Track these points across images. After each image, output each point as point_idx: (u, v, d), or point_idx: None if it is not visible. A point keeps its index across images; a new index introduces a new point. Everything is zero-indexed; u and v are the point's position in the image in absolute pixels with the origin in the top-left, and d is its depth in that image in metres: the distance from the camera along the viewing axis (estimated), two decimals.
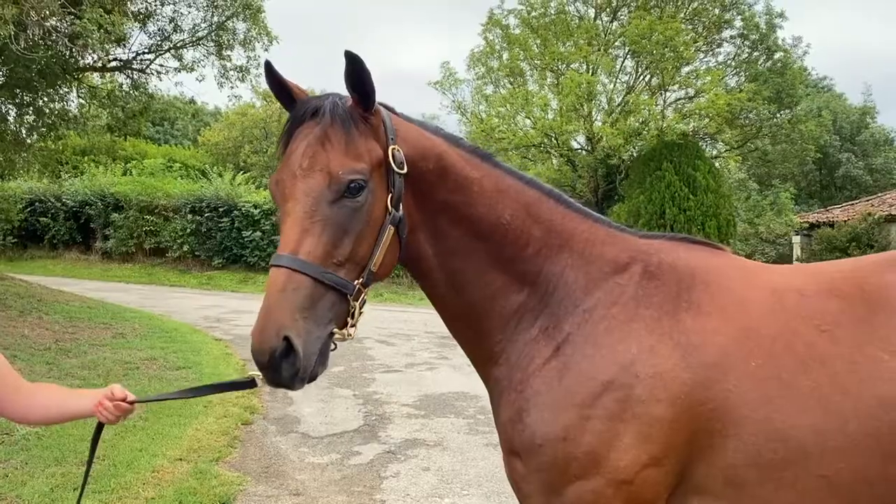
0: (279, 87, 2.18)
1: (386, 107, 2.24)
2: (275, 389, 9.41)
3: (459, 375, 10.07)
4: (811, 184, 42.18)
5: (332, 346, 2.07)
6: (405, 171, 2.11)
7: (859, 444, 1.92)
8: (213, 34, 15.99)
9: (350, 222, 2.03)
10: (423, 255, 2.26)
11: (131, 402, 2.29)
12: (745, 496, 1.99)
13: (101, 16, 10.03)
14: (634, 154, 26.99)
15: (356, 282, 2.05)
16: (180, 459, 6.35)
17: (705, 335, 2.06)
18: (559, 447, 2.03)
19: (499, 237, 2.24)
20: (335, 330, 2.04)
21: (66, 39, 10.20)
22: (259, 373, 2.03)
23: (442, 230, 2.24)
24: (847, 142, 39.78)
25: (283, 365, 1.93)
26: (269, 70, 2.16)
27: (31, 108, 15.73)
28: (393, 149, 2.10)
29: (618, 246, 2.28)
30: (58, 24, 11.36)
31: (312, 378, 2.01)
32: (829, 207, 32.50)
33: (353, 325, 2.08)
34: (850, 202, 31.49)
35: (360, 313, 2.12)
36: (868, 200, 29.81)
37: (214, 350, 11.94)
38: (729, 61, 29.12)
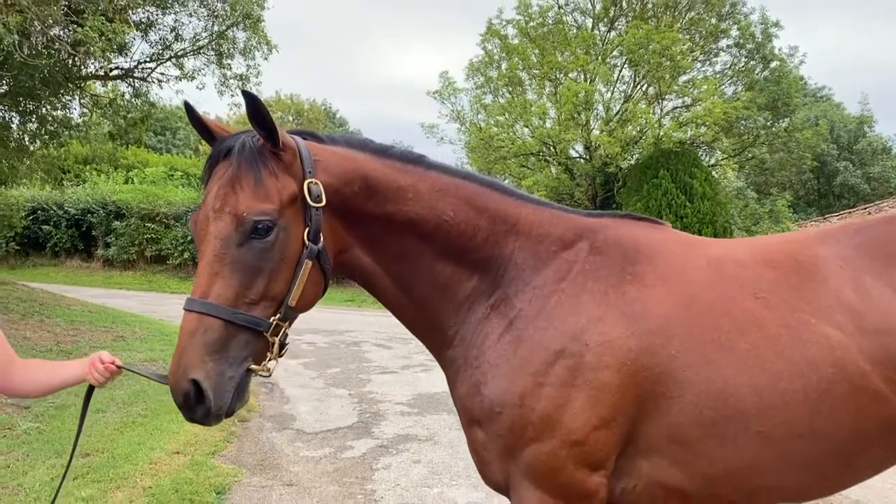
0: (200, 125, 2.27)
1: (312, 135, 2.34)
2: (272, 390, 9.61)
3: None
4: (809, 192, 42.35)
5: (263, 372, 2.17)
6: (322, 203, 2.19)
7: (791, 402, 2.09)
8: (213, 43, 16.22)
9: (261, 262, 2.10)
10: (365, 268, 2.38)
11: (118, 367, 2.46)
12: (690, 453, 2.16)
13: (102, 24, 10.25)
14: (632, 162, 27.19)
15: (272, 318, 2.13)
16: (177, 453, 6.51)
17: (649, 305, 2.23)
18: (516, 413, 2.19)
19: (443, 234, 2.36)
20: (253, 367, 2.13)
21: (68, 47, 10.39)
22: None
23: (382, 240, 2.34)
24: (845, 150, 39.99)
25: (196, 406, 2.05)
26: (189, 110, 2.24)
27: (34, 115, 15.96)
28: (309, 183, 2.17)
29: (564, 225, 2.44)
30: (61, 32, 11.60)
31: (230, 414, 2.12)
32: (826, 216, 32.69)
33: (273, 359, 2.18)
34: (847, 210, 31.69)
35: (286, 346, 2.22)
36: (865, 209, 29.98)
37: None
38: (726, 70, 29.38)
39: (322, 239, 2.19)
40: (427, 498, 5.63)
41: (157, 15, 15.86)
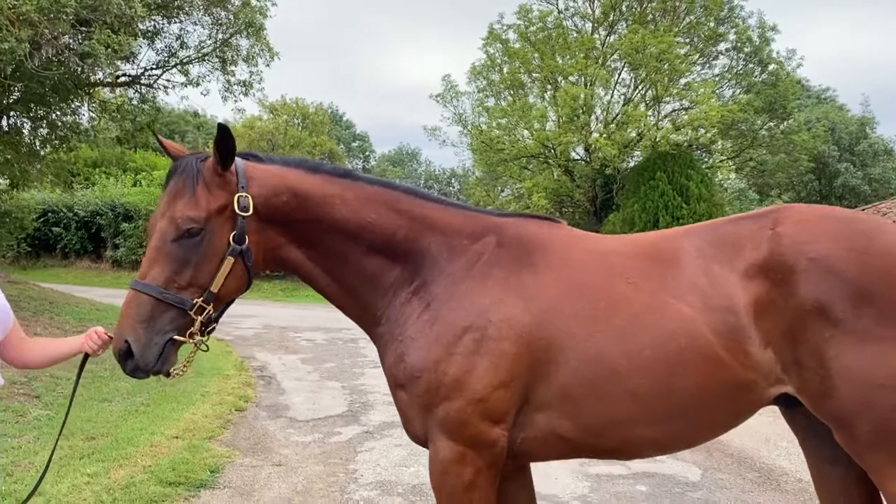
0: (164, 147, 2.83)
1: (253, 156, 2.83)
2: (269, 383, 10.10)
3: None
4: (811, 193, 42.53)
5: (194, 340, 2.65)
6: (249, 213, 2.66)
7: (653, 366, 2.56)
8: (217, 50, 16.77)
9: (189, 255, 2.60)
10: (297, 262, 2.85)
11: (110, 337, 2.94)
12: (575, 408, 2.63)
13: (108, 36, 10.79)
14: (631, 164, 27.62)
15: (196, 300, 2.61)
16: (176, 437, 7.01)
17: (541, 288, 2.70)
18: (431, 377, 2.65)
19: (368, 233, 2.82)
20: (176, 337, 2.61)
21: (76, 58, 10.93)
22: None
23: (313, 239, 2.82)
24: (846, 152, 40.18)
25: (126, 361, 2.58)
26: (156, 137, 2.78)
27: (45, 121, 16.56)
28: (239, 196, 2.65)
29: (474, 223, 2.91)
30: (70, 41, 12.16)
31: (156, 372, 2.61)
32: None
33: (198, 333, 2.65)
34: None
35: (213, 325, 2.71)
36: (864, 210, 30.30)
37: (215, 348, 12.60)
38: (725, 73, 29.76)
39: (247, 241, 2.68)
40: (403, 475, 6.12)
41: (163, 24, 16.42)
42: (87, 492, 5.38)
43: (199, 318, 2.64)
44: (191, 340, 2.66)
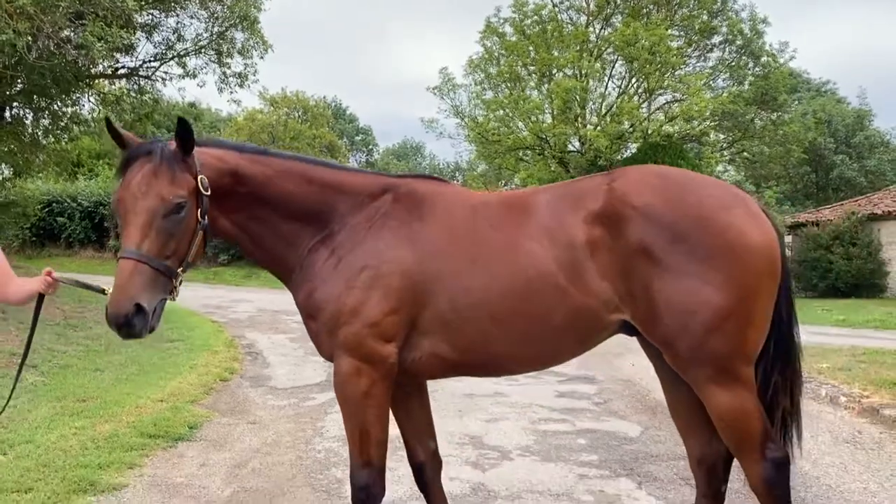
0: (116, 135, 3.14)
1: (200, 142, 3.22)
2: (256, 358, 10.60)
3: None
4: (808, 185, 42.89)
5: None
6: (209, 192, 3.09)
7: (509, 294, 3.06)
8: (213, 43, 17.27)
9: (175, 230, 2.99)
10: (228, 231, 3.31)
11: (54, 279, 3.43)
12: (450, 330, 3.14)
13: (102, 28, 11.30)
14: (625, 156, 28.04)
15: (178, 269, 3.08)
16: (161, 401, 7.53)
17: (424, 234, 3.22)
18: (334, 307, 3.16)
19: (286, 201, 3.31)
20: (166, 297, 3.05)
21: (71, 50, 11.45)
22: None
23: (241, 210, 3.26)
24: (842, 144, 40.46)
25: (135, 321, 2.90)
26: (109, 124, 3.09)
27: (47, 111, 17.12)
28: (201, 178, 3.07)
29: (375, 183, 3.42)
30: (71, 34, 12.68)
31: (152, 329, 3.00)
32: (819, 208, 33.27)
33: (175, 293, 3.09)
34: (839, 202, 32.28)
35: (180, 285, 3.13)
36: (856, 201, 30.54)
37: (208, 328, 13.19)
38: (718, 66, 30.12)
39: (207, 216, 3.14)
40: None
41: (160, 17, 16.94)
42: (73, 441, 5.92)
43: (178, 283, 3.10)
44: (174, 299, 3.13)
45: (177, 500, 4.87)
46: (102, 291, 3.26)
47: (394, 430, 3.45)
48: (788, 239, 29.87)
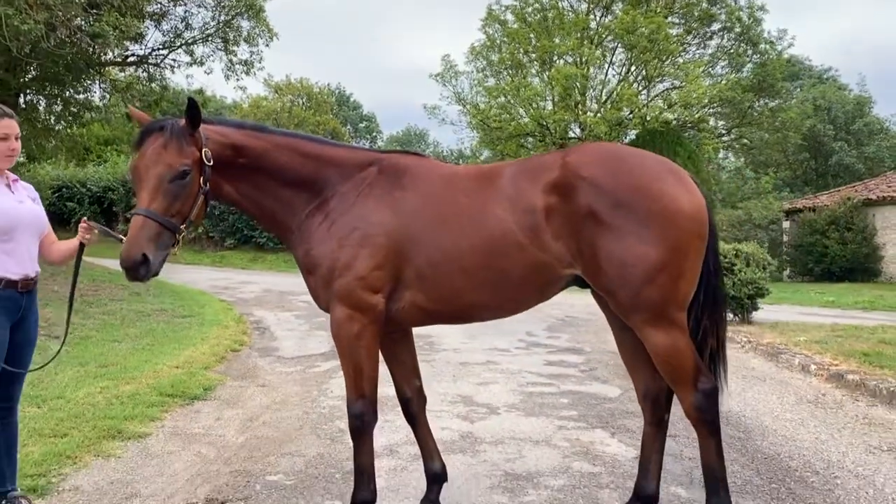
0: (134, 117, 3.76)
1: (206, 120, 3.74)
2: (264, 333, 11.15)
3: None
4: (807, 172, 43.28)
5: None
6: (212, 163, 3.60)
7: (478, 251, 3.58)
8: (220, 31, 17.79)
9: (179, 193, 3.49)
10: (231, 196, 3.85)
11: (90, 226, 4.00)
12: (426, 284, 3.66)
13: (116, 18, 11.82)
14: (625, 142, 28.50)
15: (182, 226, 3.57)
16: (177, 367, 8.10)
17: (405, 201, 3.74)
18: (329, 262, 3.70)
19: (281, 171, 3.84)
20: (170, 251, 3.58)
21: (88, 39, 11.97)
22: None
23: (243, 178, 3.80)
24: (841, 131, 40.81)
25: (141, 268, 3.44)
26: (127, 107, 3.76)
27: (59, 98, 17.67)
28: (205, 151, 3.57)
29: (362, 157, 3.95)
30: (82, 23, 13.19)
31: (155, 274, 3.53)
32: (817, 194, 33.69)
33: (177, 246, 3.61)
34: (836, 188, 32.68)
35: (182, 240, 3.66)
36: (853, 186, 30.93)
37: (217, 306, 13.76)
38: (717, 53, 30.50)
39: (209, 183, 3.67)
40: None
41: (169, 6, 17.46)
42: (99, 397, 6.50)
43: (181, 238, 3.64)
44: (175, 252, 3.68)
45: (196, 445, 5.44)
46: (121, 240, 3.82)
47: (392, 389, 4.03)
48: (786, 224, 30.34)
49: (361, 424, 3.78)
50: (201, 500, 4.31)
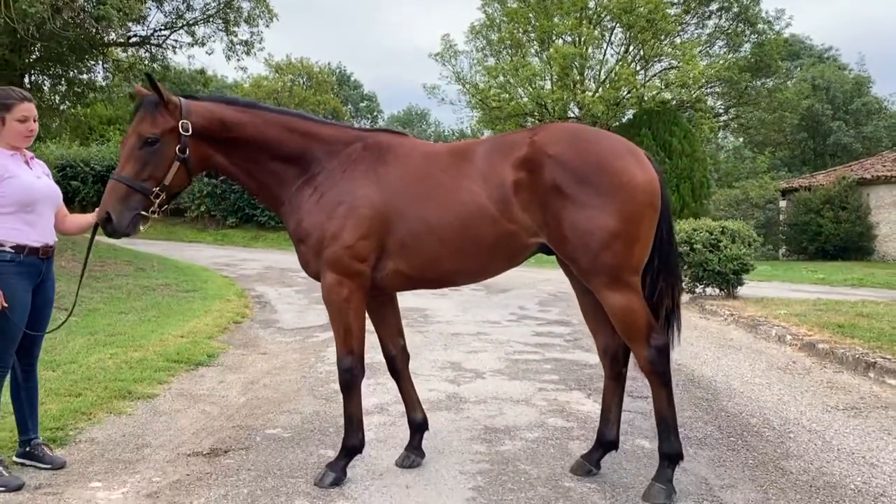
0: (138, 92, 4.12)
1: (192, 97, 4.15)
2: (264, 306, 11.55)
3: (416, 297, 12.18)
4: (805, 152, 43.49)
5: (152, 215, 4.04)
6: (189, 133, 3.94)
7: (454, 223, 3.94)
8: (220, 12, 18.05)
9: (150, 159, 3.92)
10: (224, 166, 4.23)
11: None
12: (407, 252, 4.03)
13: (120, 0, 12.13)
14: (623, 121, 28.76)
15: (155, 188, 3.96)
16: (182, 336, 8.51)
17: (388, 176, 4.10)
18: (319, 233, 4.06)
19: (270, 145, 4.19)
20: (142, 212, 3.99)
21: (92, 20, 12.29)
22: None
23: (233, 150, 4.17)
24: (839, 110, 40.97)
25: (108, 226, 3.96)
26: (150, 79, 4.01)
27: (63, 79, 18.00)
28: (182, 122, 3.94)
29: (348, 135, 4.30)
30: (86, 5, 13.49)
31: (126, 234, 3.99)
32: (814, 173, 33.97)
33: (154, 211, 4.01)
34: (833, 168, 32.94)
35: (167, 205, 4.11)
36: (849, 166, 31.19)
37: (219, 281, 14.19)
38: (715, 32, 30.65)
39: (188, 152, 4.04)
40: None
41: None
42: (109, 362, 6.92)
43: (157, 201, 4.04)
44: (152, 216, 4.08)
45: (200, 404, 5.86)
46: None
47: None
48: (783, 203, 30.66)
49: (350, 378, 4.19)
50: (206, 450, 4.72)
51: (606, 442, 4.32)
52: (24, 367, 4.43)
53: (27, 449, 4.39)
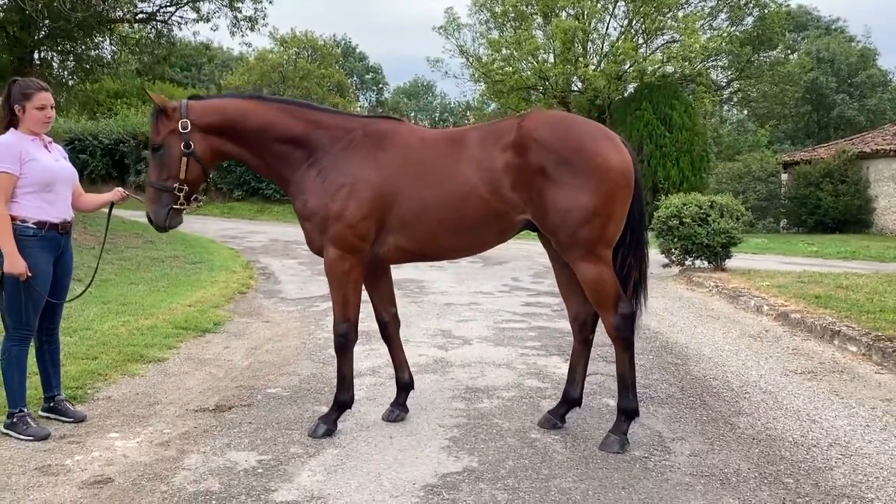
0: (152, 98, 4.60)
1: (198, 97, 4.65)
2: (268, 277, 12.02)
3: (413, 269, 12.66)
4: (809, 125, 43.53)
5: (193, 205, 4.59)
6: (188, 130, 4.38)
7: (449, 204, 4.37)
8: None
9: (164, 161, 4.44)
10: (235, 153, 4.66)
11: (127, 195, 4.87)
12: (408, 229, 4.47)
13: None
14: (624, 95, 28.93)
15: (174, 185, 4.44)
16: (189, 305, 9.01)
17: (387, 160, 4.51)
18: (323, 212, 4.48)
19: (275, 131, 4.60)
20: (172, 206, 4.49)
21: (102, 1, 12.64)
22: None
23: (240, 138, 4.60)
24: (844, 84, 40.94)
25: (152, 225, 4.54)
26: (147, 93, 4.62)
27: (72, 55, 18.37)
28: (181, 122, 4.38)
29: (350, 122, 4.70)
30: None
31: (168, 228, 4.54)
32: (815, 147, 34.12)
33: (183, 204, 4.50)
34: (835, 141, 33.10)
35: (195, 199, 4.59)
36: (850, 139, 31.35)
37: (225, 253, 14.70)
38: (719, 5, 30.67)
39: (193, 146, 4.48)
40: (360, 327, 8.07)
41: None
42: (122, 329, 7.42)
43: (182, 196, 4.51)
44: (184, 207, 4.55)
45: (207, 367, 6.35)
46: None
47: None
48: (784, 177, 30.90)
49: (345, 341, 4.68)
50: (212, 406, 5.21)
51: (571, 399, 4.80)
52: (48, 330, 4.91)
53: (51, 404, 4.89)
